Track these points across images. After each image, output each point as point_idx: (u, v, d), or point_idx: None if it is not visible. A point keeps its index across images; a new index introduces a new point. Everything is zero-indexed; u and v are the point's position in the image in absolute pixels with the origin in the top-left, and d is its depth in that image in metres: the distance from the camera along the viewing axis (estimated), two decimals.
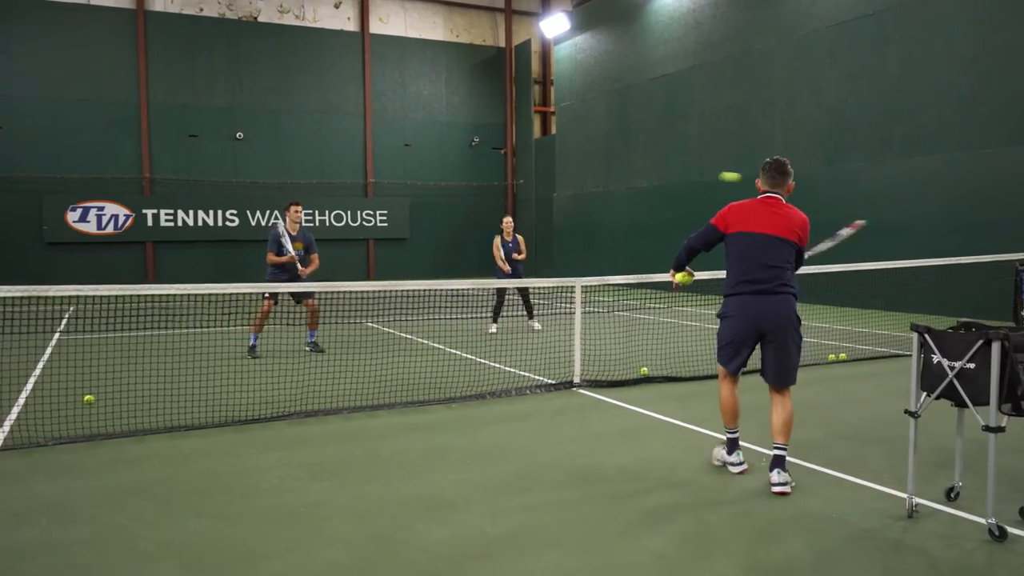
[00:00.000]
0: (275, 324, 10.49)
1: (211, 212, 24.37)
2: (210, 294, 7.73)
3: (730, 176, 5.40)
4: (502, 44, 28.88)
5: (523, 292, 11.95)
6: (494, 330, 11.74)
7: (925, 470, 4.79)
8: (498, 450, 5.43)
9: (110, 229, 23.40)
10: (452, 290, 12.04)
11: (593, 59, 23.60)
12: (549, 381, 7.76)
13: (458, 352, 9.87)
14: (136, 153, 23.76)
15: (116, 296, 7.33)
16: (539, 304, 13.08)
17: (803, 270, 9.07)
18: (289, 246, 9.59)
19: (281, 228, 9.66)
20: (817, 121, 16.23)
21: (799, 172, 4.89)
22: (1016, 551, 3.64)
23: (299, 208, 9.93)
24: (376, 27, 26.82)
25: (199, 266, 23.75)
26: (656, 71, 20.90)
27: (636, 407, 6.69)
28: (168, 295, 6.94)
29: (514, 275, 11.85)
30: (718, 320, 5.00)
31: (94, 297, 7.69)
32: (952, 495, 4.30)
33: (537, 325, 11.95)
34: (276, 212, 25.10)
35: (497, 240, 12.02)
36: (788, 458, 5.05)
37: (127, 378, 7.32)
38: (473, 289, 12.48)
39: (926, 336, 4.03)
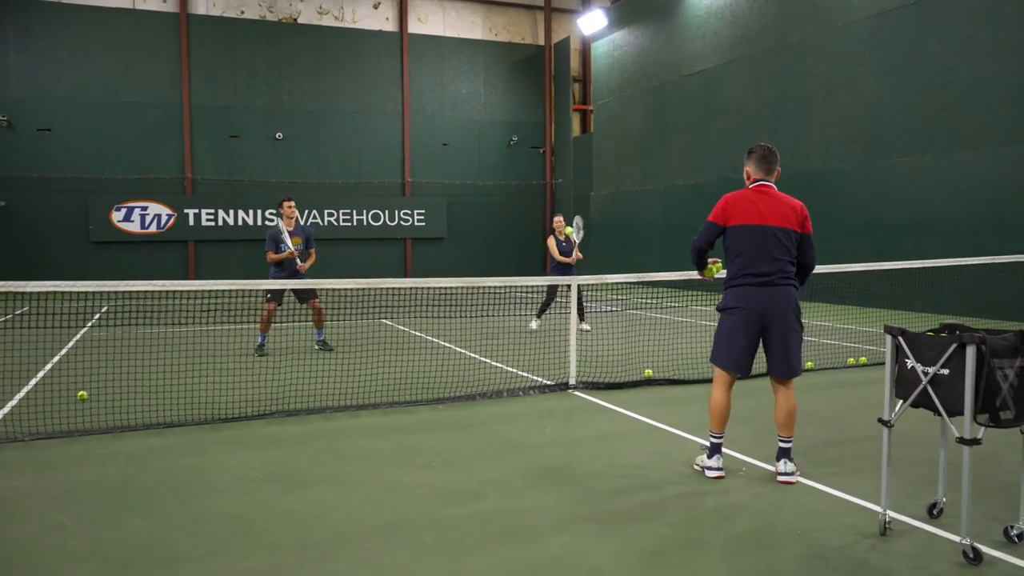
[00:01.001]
0: (285, 322, 10.49)
1: (251, 212, 24.72)
2: (218, 290, 7.71)
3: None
4: (541, 42, 28.67)
5: (578, 292, 11.64)
6: (535, 326, 11.58)
7: (914, 484, 4.47)
8: (468, 453, 5.25)
9: (153, 228, 23.92)
10: (445, 288, 11.85)
11: (630, 56, 23.23)
12: (546, 382, 7.54)
13: (464, 351, 9.71)
14: (179, 154, 24.23)
15: (91, 292, 7.33)
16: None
17: (836, 268, 8.77)
18: (288, 242, 9.57)
19: (280, 227, 9.65)
20: (855, 116, 15.64)
21: (836, 168, 4.72)
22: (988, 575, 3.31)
23: (292, 203, 9.88)
24: (415, 27, 26.87)
25: (239, 265, 24.06)
26: (692, 67, 20.45)
27: (627, 410, 6.43)
28: (163, 291, 6.92)
29: (568, 273, 11.63)
30: (718, 314, 4.80)
31: (118, 293, 7.75)
32: (935, 512, 3.97)
33: (586, 326, 11.70)
34: (315, 211, 25.37)
35: (551, 240, 11.84)
36: (767, 466, 4.81)
37: (125, 374, 7.34)
38: (485, 287, 12.29)
39: (900, 339, 3.71)
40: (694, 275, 8.04)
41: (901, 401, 3.76)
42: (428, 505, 4.21)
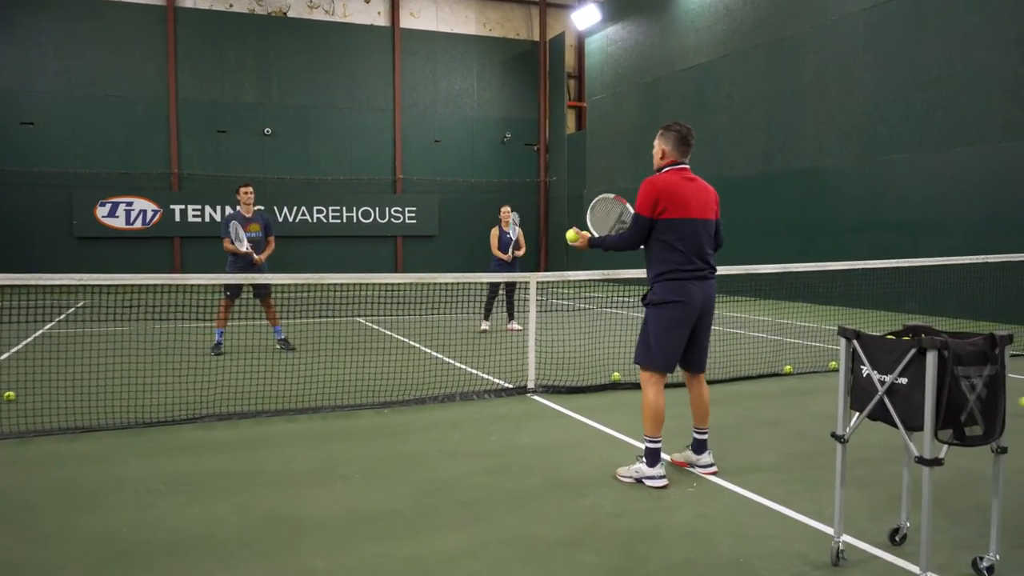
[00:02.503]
0: (247, 320, 10.07)
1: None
2: (195, 286, 7.31)
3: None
4: (536, 38, 28.21)
5: (509, 290, 11.35)
6: (486, 327, 11.16)
7: (879, 504, 4.02)
8: (397, 464, 4.80)
9: (138, 224, 23.52)
10: (395, 284, 11.42)
11: (623, 51, 22.78)
12: (505, 385, 7.11)
13: (430, 351, 9.27)
14: (165, 149, 23.83)
15: (68, 286, 6.89)
16: (543, 300, 12.37)
17: (819, 266, 8.33)
18: (243, 234, 9.19)
19: (237, 212, 9.30)
20: (850, 111, 15.16)
21: (831, 165, 4.41)
22: None
23: (250, 189, 9.50)
24: (407, 21, 26.45)
25: (225, 261, 23.62)
26: (686, 62, 19.99)
27: (584, 417, 5.98)
28: (132, 286, 6.49)
29: (511, 271, 11.25)
30: (647, 307, 4.42)
31: (97, 288, 7.33)
32: (897, 538, 3.52)
33: (517, 326, 11.27)
34: (304, 208, 24.94)
35: (495, 231, 11.44)
36: (720, 482, 4.39)
37: (62, 374, 6.91)
38: (460, 283, 11.85)
39: (855, 342, 3.26)
40: None
41: (857, 413, 3.32)
42: (333, 526, 3.77)
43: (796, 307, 13.40)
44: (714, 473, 4.50)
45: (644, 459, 4.34)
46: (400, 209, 26.37)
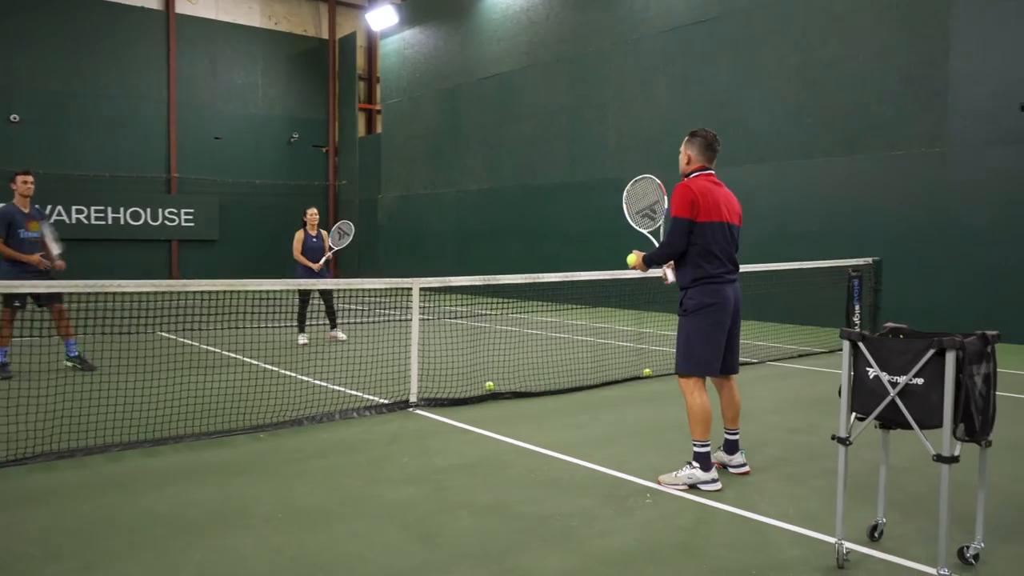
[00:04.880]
0: (28, 335, 8.55)
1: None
2: None
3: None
4: (325, 35, 27.16)
5: (327, 297, 10.60)
6: (305, 341, 10.32)
7: (845, 499, 4.10)
8: (319, 497, 4.19)
9: None
10: (253, 291, 10.49)
11: (422, 55, 22.55)
12: (382, 401, 6.58)
13: (272, 367, 8.41)
14: None
15: None
16: (368, 310, 11.80)
17: (608, 274, 8.41)
18: (28, 229, 7.84)
19: (15, 207, 7.92)
20: (649, 126, 16.07)
21: (632, 177, 4.49)
22: None
23: (30, 179, 8.13)
24: (183, 7, 24.28)
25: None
26: (488, 70, 20.16)
27: (485, 430, 5.66)
28: None
29: (319, 278, 10.44)
30: (684, 314, 4.43)
31: None
32: (876, 534, 3.61)
33: (342, 335, 10.64)
34: (59, 207, 22.02)
35: (299, 235, 10.69)
36: (667, 490, 4.28)
37: None
38: (283, 290, 10.98)
39: (860, 345, 3.28)
40: (545, 277, 7.53)
41: (855, 415, 3.34)
42: None
43: (624, 314, 13.88)
44: (746, 472, 4.57)
45: (695, 464, 4.31)
46: (175, 210, 24.12)
